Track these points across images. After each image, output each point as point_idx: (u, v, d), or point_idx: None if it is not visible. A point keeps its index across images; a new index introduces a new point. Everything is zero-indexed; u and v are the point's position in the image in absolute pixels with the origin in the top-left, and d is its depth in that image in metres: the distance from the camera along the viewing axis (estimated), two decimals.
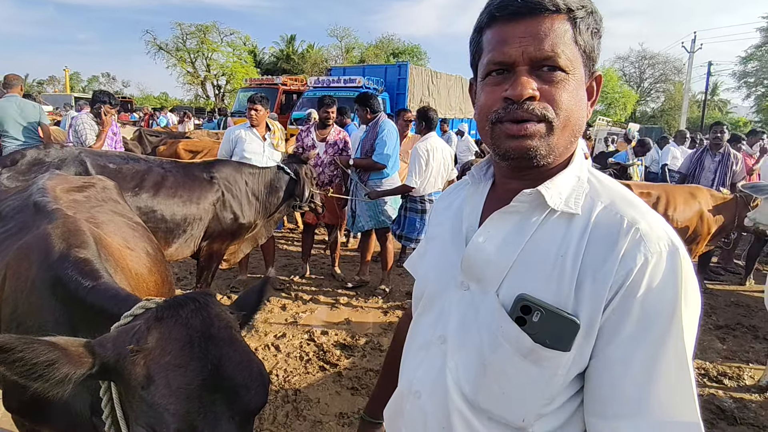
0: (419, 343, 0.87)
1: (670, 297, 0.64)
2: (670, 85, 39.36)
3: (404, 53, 34.67)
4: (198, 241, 3.43)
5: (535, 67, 0.70)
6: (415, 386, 0.85)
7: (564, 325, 0.67)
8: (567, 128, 0.72)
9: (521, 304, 0.70)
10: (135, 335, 0.88)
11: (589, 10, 0.72)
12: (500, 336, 0.72)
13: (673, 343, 0.64)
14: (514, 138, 0.71)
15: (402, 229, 4.36)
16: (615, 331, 0.65)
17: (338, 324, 3.90)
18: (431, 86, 11.78)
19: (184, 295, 0.95)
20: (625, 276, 0.65)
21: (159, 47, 33.15)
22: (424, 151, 4.12)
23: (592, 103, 0.79)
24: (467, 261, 0.79)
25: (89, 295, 1.15)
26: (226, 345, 0.89)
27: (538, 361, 0.69)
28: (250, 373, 0.89)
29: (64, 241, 1.32)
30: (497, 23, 0.73)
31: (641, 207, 0.72)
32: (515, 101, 0.70)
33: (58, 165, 3.01)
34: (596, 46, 0.75)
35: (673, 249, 0.66)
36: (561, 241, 0.71)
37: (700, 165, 5.39)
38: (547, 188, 0.73)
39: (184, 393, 0.82)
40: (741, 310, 4.62)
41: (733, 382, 3.28)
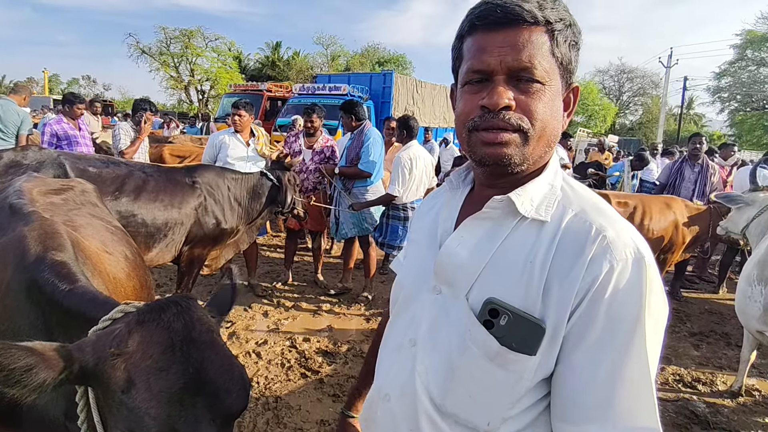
0: (391, 346, 0.88)
1: (634, 304, 0.66)
2: (648, 98, 40.43)
3: (389, 62, 34.91)
4: (179, 246, 3.39)
5: (513, 77, 0.72)
6: (384, 389, 0.86)
7: (530, 329, 0.68)
8: (542, 138, 0.74)
9: (489, 307, 0.71)
10: (115, 339, 0.87)
11: (567, 23, 0.74)
12: (468, 339, 0.73)
13: (637, 350, 0.65)
14: (490, 145, 0.73)
15: (384, 236, 4.37)
16: (581, 337, 0.67)
17: (320, 331, 3.88)
18: (416, 95, 11.88)
19: (166, 299, 0.95)
20: (591, 282, 0.66)
21: (142, 51, 32.72)
22: (407, 160, 4.15)
23: (569, 113, 0.80)
24: (439, 265, 0.80)
25: (66, 298, 1.13)
26: (208, 348, 0.89)
27: (505, 365, 0.70)
28: (231, 376, 0.89)
29: (40, 243, 1.30)
30: (477, 32, 0.75)
31: (611, 215, 0.74)
32: (491, 110, 0.72)
33: (36, 167, 2.96)
34: (574, 58, 0.76)
35: (639, 257, 0.68)
36: (531, 247, 0.72)
37: (680, 175, 5.49)
38: (518, 195, 0.74)
39: (165, 397, 0.81)
40: (714, 318, 4.74)
41: (707, 388, 3.36)
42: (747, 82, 28.14)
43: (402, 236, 4.30)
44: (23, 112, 5.08)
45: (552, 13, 0.72)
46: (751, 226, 3.32)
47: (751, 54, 27.89)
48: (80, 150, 4.79)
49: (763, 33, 26.56)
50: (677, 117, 33.02)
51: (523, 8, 0.71)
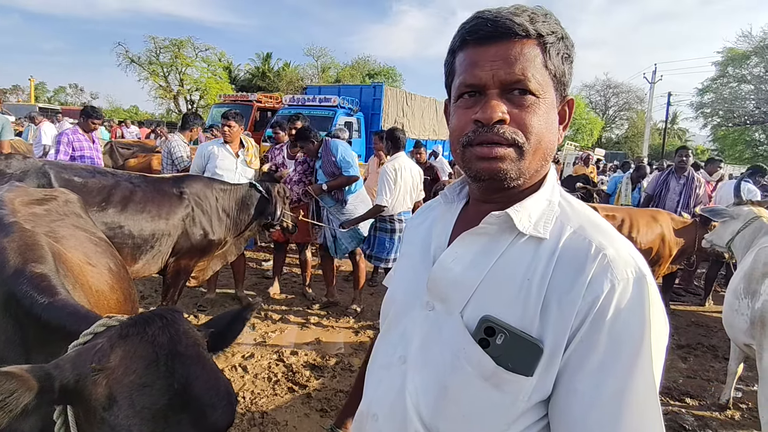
0: (380, 363, 0.86)
1: (637, 324, 0.64)
2: (633, 113, 41.22)
3: (380, 74, 35.18)
4: (166, 258, 3.33)
5: (506, 91, 0.71)
6: (372, 408, 0.83)
7: (527, 349, 0.66)
8: (538, 152, 0.73)
9: (485, 325, 0.69)
10: (97, 354, 0.84)
11: (559, 36, 0.74)
12: (462, 358, 0.71)
13: (641, 371, 0.63)
14: (485, 160, 0.72)
15: (372, 249, 4.35)
16: (584, 360, 0.64)
17: (308, 344, 3.83)
18: (405, 107, 11.95)
19: (151, 312, 0.92)
20: (592, 302, 0.64)
21: (131, 60, 32.59)
22: (392, 171, 4.15)
23: (564, 126, 0.79)
24: (433, 281, 0.78)
25: (45, 312, 1.10)
26: (193, 363, 0.87)
27: (500, 385, 0.68)
28: (217, 392, 0.87)
29: (20, 255, 1.27)
30: (469, 46, 0.74)
31: (609, 232, 0.72)
32: (485, 124, 0.71)
33: (19, 177, 2.90)
34: (567, 70, 0.76)
35: (640, 275, 0.66)
36: (528, 265, 0.70)
37: (666, 187, 5.57)
38: (516, 211, 0.73)
39: (149, 413, 0.79)
40: (701, 330, 4.78)
41: (695, 401, 3.37)
42: (729, 98, 28.79)
43: (389, 248, 4.28)
44: (3, 118, 5.02)
45: (543, 27, 0.72)
46: (736, 239, 3.36)
47: (732, 71, 28.58)
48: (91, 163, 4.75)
49: (743, 51, 27.25)
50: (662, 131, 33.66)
51: (514, 22, 0.71)
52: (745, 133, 28.82)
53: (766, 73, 26.55)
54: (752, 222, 3.27)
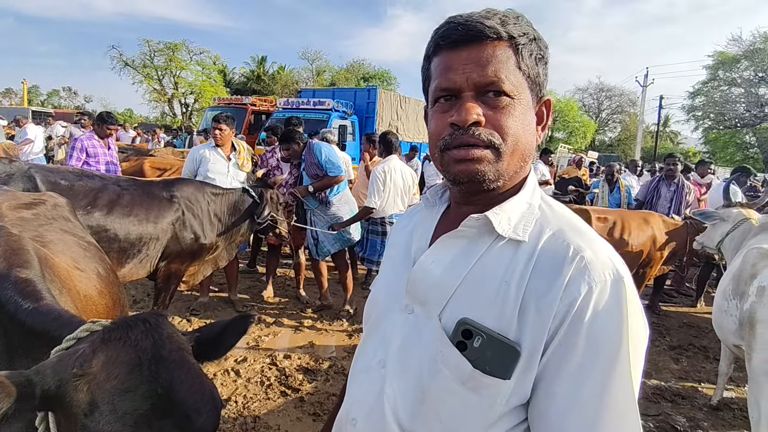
0: (360, 367, 0.85)
1: (615, 327, 0.64)
2: (626, 116, 41.47)
3: (374, 78, 35.19)
4: (155, 262, 3.31)
5: (481, 93, 0.72)
6: (351, 413, 0.82)
7: (505, 352, 0.66)
8: (516, 153, 0.73)
9: (462, 328, 0.68)
10: (78, 359, 0.83)
11: (531, 37, 0.74)
12: (440, 361, 0.70)
13: (619, 373, 0.63)
14: (462, 162, 0.72)
15: (364, 251, 4.36)
16: (561, 363, 0.64)
17: (302, 347, 3.82)
18: (400, 110, 11.96)
19: (135, 316, 0.91)
20: (569, 305, 0.64)
21: (125, 63, 32.45)
22: (380, 173, 4.15)
23: (543, 126, 0.80)
24: (412, 283, 0.78)
25: (29, 317, 1.09)
26: (177, 368, 0.85)
27: (477, 389, 0.67)
28: (201, 396, 0.85)
29: (5, 260, 1.25)
30: (442, 51, 0.75)
31: (588, 235, 0.72)
32: (461, 127, 0.71)
33: (5, 180, 2.87)
34: (542, 71, 0.76)
35: (617, 277, 0.66)
36: (507, 267, 0.70)
37: (657, 193, 5.67)
38: (495, 214, 0.73)
39: (131, 419, 0.77)
40: (693, 331, 4.81)
41: (687, 402, 3.38)
42: (719, 101, 29.07)
43: (380, 251, 4.29)
44: None
45: (515, 29, 0.72)
46: (726, 241, 3.39)
47: (722, 75, 28.88)
48: (106, 169, 4.72)
49: (733, 55, 27.56)
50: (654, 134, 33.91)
51: (485, 25, 0.71)
52: (736, 136, 29.12)
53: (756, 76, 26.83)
54: (741, 224, 3.30)
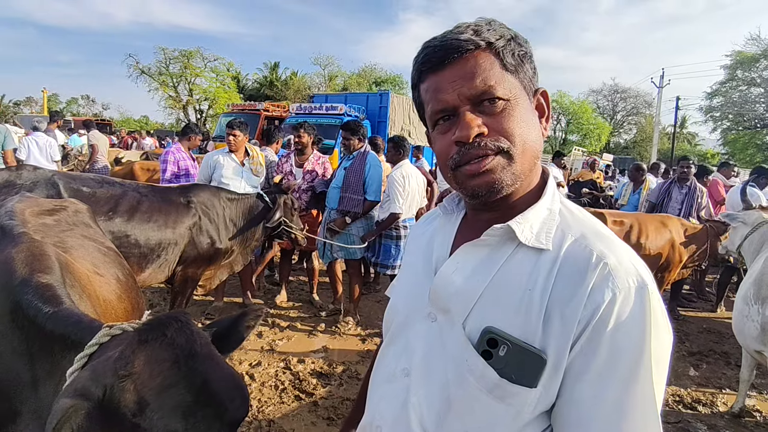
0: (383, 376, 0.85)
1: (638, 334, 0.63)
2: (641, 117, 40.89)
3: (386, 82, 35.29)
4: (173, 266, 3.36)
5: (476, 104, 0.72)
6: (375, 422, 0.82)
7: (531, 360, 0.66)
8: (526, 152, 0.73)
9: (488, 337, 0.68)
10: (118, 362, 0.87)
11: (507, 38, 0.74)
12: (465, 370, 0.70)
13: (642, 381, 0.63)
14: (476, 176, 0.72)
15: (377, 256, 4.35)
16: (583, 369, 0.64)
17: (315, 352, 3.83)
18: (412, 114, 11.95)
19: (165, 315, 0.95)
20: (593, 312, 0.64)
21: (141, 71, 33.05)
22: (400, 178, 4.16)
23: (546, 118, 0.80)
24: (435, 292, 0.78)
25: (49, 321, 1.11)
26: (209, 361, 0.91)
27: (504, 398, 0.67)
28: (233, 386, 0.92)
29: (27, 266, 1.28)
30: (428, 76, 0.76)
31: (611, 240, 0.72)
32: (465, 142, 0.71)
33: (30, 187, 2.94)
34: (528, 66, 0.76)
35: (641, 284, 0.66)
36: (529, 275, 0.70)
37: (668, 196, 5.63)
38: (518, 223, 0.73)
39: (180, 412, 0.83)
40: (713, 337, 4.71)
41: (707, 409, 3.31)
42: (738, 101, 28.54)
43: (395, 255, 4.28)
44: (3, 128, 5.15)
45: (489, 34, 0.73)
46: (744, 244, 3.33)
47: (741, 74, 28.36)
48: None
49: (752, 54, 27.06)
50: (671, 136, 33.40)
51: (460, 40, 0.72)
52: (756, 137, 28.50)
53: None
54: (760, 227, 3.24)
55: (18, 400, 1.17)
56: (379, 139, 5.51)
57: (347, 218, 4.22)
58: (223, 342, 1.08)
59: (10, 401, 1.17)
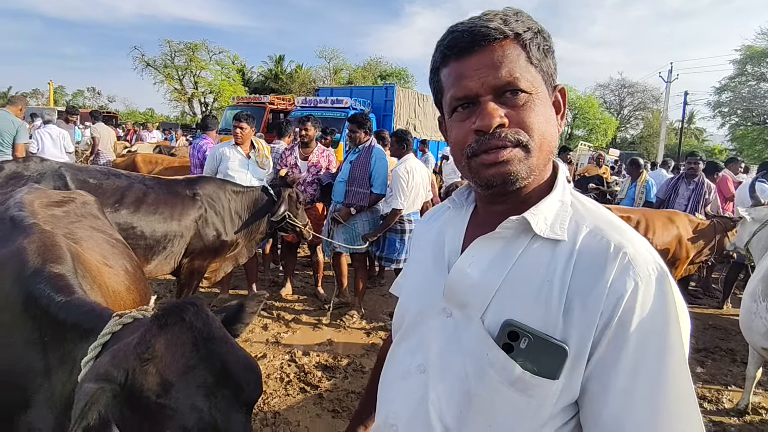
0: (396, 373, 0.84)
1: (663, 321, 0.64)
2: (649, 112, 40.60)
3: (392, 75, 35.13)
4: (178, 258, 3.37)
5: (499, 95, 0.72)
6: (390, 420, 0.81)
7: (552, 352, 0.65)
8: (543, 147, 0.73)
9: (508, 329, 0.68)
10: (139, 346, 0.89)
11: (535, 31, 0.74)
12: (486, 364, 0.69)
13: (675, 365, 0.63)
14: (492, 166, 0.72)
15: (382, 250, 4.34)
16: (613, 362, 0.63)
17: (320, 344, 3.85)
18: (417, 108, 11.93)
19: (180, 302, 0.98)
20: (616, 302, 0.64)
21: (147, 63, 33.10)
22: (404, 173, 4.14)
23: (561, 115, 0.79)
24: (450, 287, 0.77)
25: (61, 311, 1.12)
26: (224, 343, 0.95)
27: (526, 390, 0.67)
28: (248, 367, 0.95)
29: (39, 256, 1.29)
30: (451, 61, 0.75)
31: (626, 230, 0.72)
32: (486, 132, 0.71)
33: (37, 179, 2.95)
34: (551, 61, 0.76)
35: (661, 272, 0.66)
36: (547, 267, 0.70)
37: (675, 191, 5.61)
38: (533, 215, 0.72)
39: (203, 391, 0.86)
40: (719, 334, 4.69)
41: (713, 406, 3.30)
42: (747, 96, 28.26)
43: (400, 249, 4.27)
44: (18, 122, 5.17)
45: (518, 25, 0.72)
46: (753, 240, 3.30)
47: (751, 69, 28.06)
48: None
49: (762, 48, 26.75)
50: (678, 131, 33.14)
51: (489, 28, 0.71)
52: (765, 132, 28.22)
53: None
54: None
55: (31, 389, 1.18)
56: (385, 132, 5.50)
57: (352, 209, 4.23)
58: (229, 328, 1.11)
59: (23, 390, 1.18)
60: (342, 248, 4.32)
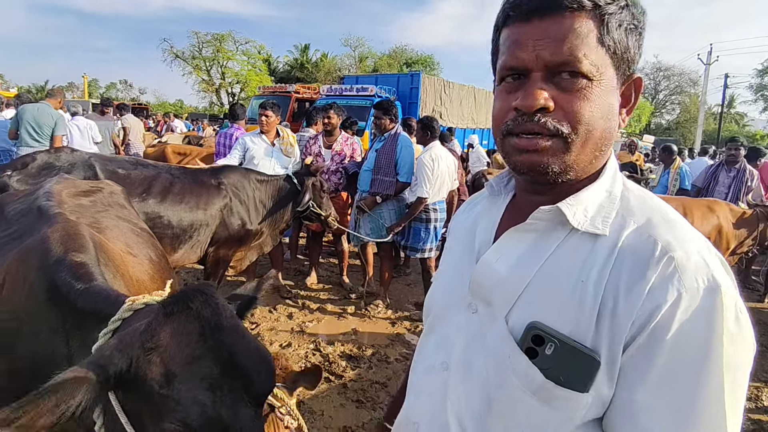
0: (423, 367, 0.80)
1: (704, 341, 0.55)
2: (686, 97, 39.04)
3: (417, 63, 34.75)
4: (204, 247, 3.41)
5: (553, 73, 0.63)
6: (413, 417, 0.78)
7: (581, 362, 0.58)
8: (588, 143, 0.64)
9: (533, 333, 0.61)
10: (144, 334, 0.87)
11: (622, 4, 0.63)
12: (508, 368, 0.63)
13: (709, 396, 0.55)
14: (523, 152, 0.65)
15: (407, 240, 4.29)
16: (638, 376, 0.57)
17: (345, 334, 3.85)
18: (443, 96, 11.74)
19: (189, 288, 0.94)
20: (651, 312, 0.56)
21: (175, 55, 33.71)
22: (429, 160, 4.08)
23: (629, 109, 0.70)
24: (476, 281, 0.71)
25: (81, 298, 1.12)
26: (235, 334, 0.90)
27: (550, 401, 0.60)
28: (259, 359, 0.91)
29: (62, 245, 1.30)
30: (513, 23, 0.66)
31: (682, 230, 0.62)
32: (525, 112, 0.63)
33: (68, 169, 3.02)
34: (633, 44, 0.65)
35: (713, 285, 0.56)
36: (583, 265, 0.62)
37: (714, 179, 5.37)
38: (569, 205, 0.65)
39: (207, 383, 0.83)
40: (760, 328, 4.48)
41: (751, 403, 3.17)
42: None
43: (425, 238, 4.22)
44: (57, 114, 5.30)
45: None
46: None
47: None
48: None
49: None
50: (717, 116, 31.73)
51: None
52: None
53: None
54: None
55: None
56: (412, 119, 5.41)
57: (378, 198, 4.19)
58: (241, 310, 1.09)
59: (49, 378, 1.19)
60: (367, 239, 4.29)
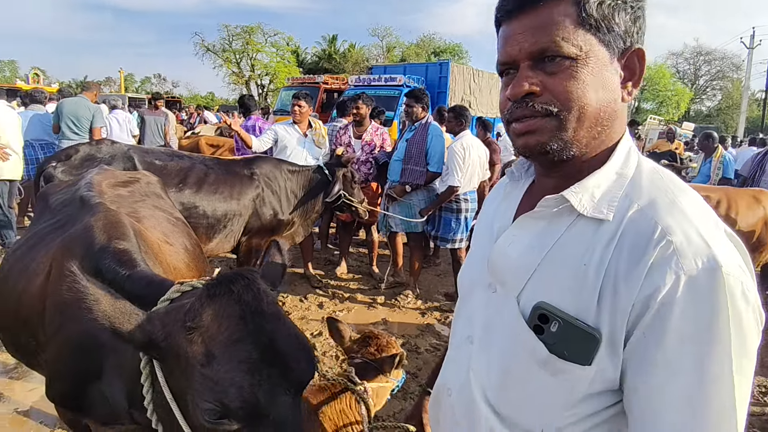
0: (456, 339, 0.88)
1: (707, 322, 0.57)
2: (728, 82, 37.17)
3: (445, 52, 34.29)
4: (238, 237, 3.48)
5: (538, 61, 0.68)
6: (447, 383, 0.86)
7: (583, 338, 0.63)
8: (584, 118, 0.67)
9: (539, 312, 0.67)
10: (188, 314, 0.89)
11: None
12: (519, 343, 0.70)
13: (713, 375, 0.57)
14: (521, 135, 0.71)
15: (437, 230, 4.26)
16: (645, 359, 0.60)
17: (375, 324, 3.86)
18: (473, 84, 11.56)
19: (233, 272, 0.96)
20: (651, 295, 0.58)
21: (206, 48, 34.28)
22: (460, 149, 4.02)
23: (635, 81, 0.71)
24: (492, 263, 0.78)
25: (126, 282, 1.16)
26: (276, 320, 0.91)
27: (556, 373, 0.66)
28: (300, 346, 0.92)
29: (105, 233, 1.35)
30: (502, 24, 0.73)
31: (685, 210, 0.63)
32: (513, 100, 0.69)
33: (108, 161, 3.12)
34: (622, 19, 0.67)
35: (713, 266, 0.58)
36: (586, 248, 0.66)
37: (761, 168, 5.09)
38: (573, 193, 0.68)
39: (246, 366, 0.83)
40: None
41: None
42: None
43: (455, 229, 4.18)
44: (94, 107, 5.49)
45: None
46: None
47: None
48: None
49: None
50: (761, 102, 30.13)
51: None
52: None
53: None
54: None
55: (102, 359, 1.25)
56: (444, 108, 5.33)
57: (407, 187, 4.17)
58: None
59: (97, 360, 1.25)
60: (401, 223, 4.27)
